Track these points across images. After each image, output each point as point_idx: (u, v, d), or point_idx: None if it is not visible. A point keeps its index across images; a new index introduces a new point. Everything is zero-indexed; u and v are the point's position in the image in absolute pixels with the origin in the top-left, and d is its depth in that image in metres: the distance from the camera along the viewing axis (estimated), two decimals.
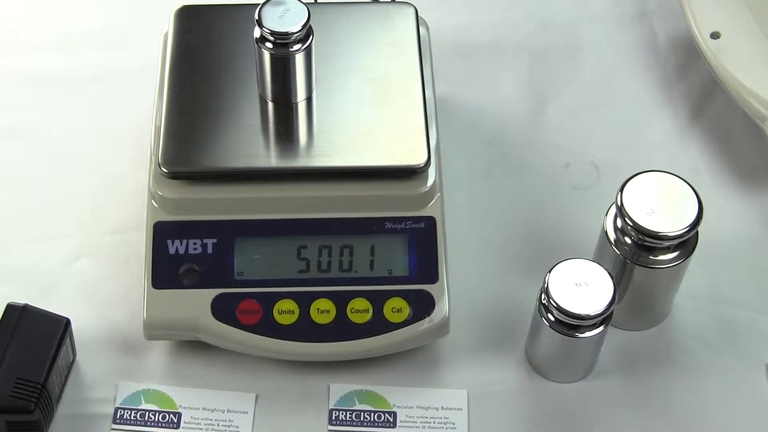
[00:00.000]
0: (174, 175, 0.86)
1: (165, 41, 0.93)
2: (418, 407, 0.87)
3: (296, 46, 0.85)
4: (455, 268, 0.90)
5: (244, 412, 0.87)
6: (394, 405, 0.87)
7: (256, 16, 0.84)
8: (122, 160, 0.99)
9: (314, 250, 0.87)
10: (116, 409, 0.86)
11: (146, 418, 0.86)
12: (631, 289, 0.88)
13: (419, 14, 0.95)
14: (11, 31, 1.08)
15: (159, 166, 0.86)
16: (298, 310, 0.86)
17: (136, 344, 0.89)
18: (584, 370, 0.89)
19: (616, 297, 0.83)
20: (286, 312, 0.86)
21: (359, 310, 0.86)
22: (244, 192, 0.87)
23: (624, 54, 1.09)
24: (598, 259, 0.87)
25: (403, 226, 0.87)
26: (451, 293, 0.87)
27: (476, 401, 0.88)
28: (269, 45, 0.85)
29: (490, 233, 0.96)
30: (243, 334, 0.85)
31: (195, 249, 0.86)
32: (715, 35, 1.00)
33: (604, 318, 0.84)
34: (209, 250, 0.86)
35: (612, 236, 0.87)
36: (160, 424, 0.86)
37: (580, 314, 0.82)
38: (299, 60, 0.86)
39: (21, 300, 0.85)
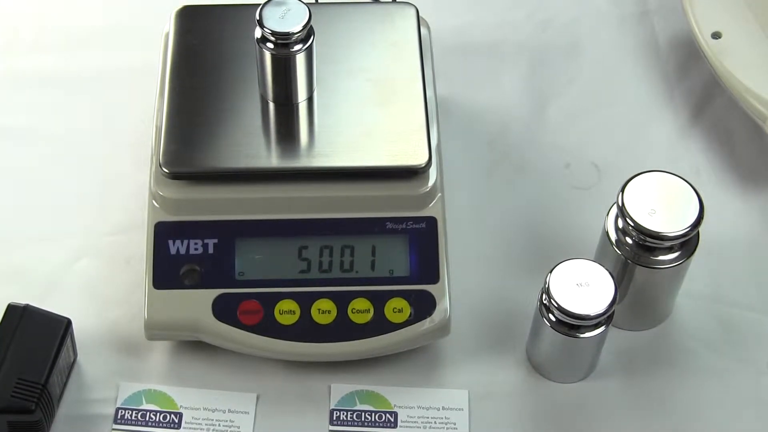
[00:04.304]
0: (175, 176, 0.86)
1: (166, 41, 0.93)
2: (419, 407, 0.87)
3: (297, 47, 0.85)
4: (456, 268, 0.90)
5: (245, 413, 0.87)
6: (395, 405, 0.87)
7: (257, 17, 0.84)
8: (123, 161, 0.99)
9: (315, 250, 0.87)
10: (117, 410, 0.86)
11: (147, 419, 0.86)
12: (632, 289, 0.88)
13: (420, 14, 0.95)
14: (11, 32, 1.08)
15: (160, 166, 0.86)
16: (299, 310, 0.86)
17: (137, 344, 0.89)
18: (585, 370, 0.89)
19: (617, 297, 0.83)
20: (287, 312, 0.86)
21: (360, 311, 0.86)
22: (245, 192, 0.87)
23: (625, 54, 1.09)
24: (599, 260, 0.87)
25: (404, 226, 0.87)
26: (452, 293, 0.87)
27: (477, 401, 0.88)
28: (270, 45, 0.85)
29: (491, 233, 0.96)
30: (244, 334, 0.85)
31: (196, 249, 0.86)
32: (716, 35, 1.00)
33: (605, 318, 0.84)
34: (210, 250, 0.86)
35: (613, 236, 0.87)
36: (161, 425, 0.86)
37: (581, 314, 0.82)
38: (300, 60, 0.86)
39: (22, 300, 0.85)
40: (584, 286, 0.83)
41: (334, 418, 0.87)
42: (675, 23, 1.09)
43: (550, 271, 0.84)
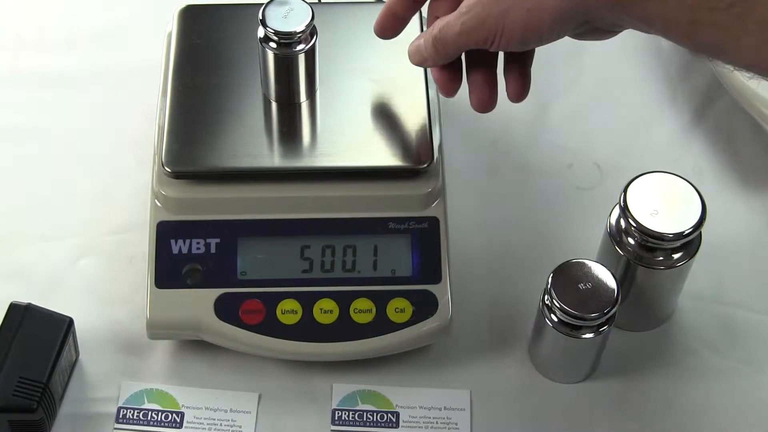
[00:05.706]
0: (177, 175, 0.86)
1: (168, 41, 0.93)
2: (420, 407, 0.87)
3: (300, 46, 0.85)
4: (458, 268, 0.89)
5: (247, 412, 0.87)
6: (396, 405, 0.87)
7: (260, 16, 0.84)
8: (125, 160, 0.99)
9: (317, 250, 0.87)
10: (119, 409, 0.87)
11: (149, 418, 0.86)
12: (634, 289, 0.88)
13: (422, 14, 0.95)
14: (12, 31, 1.08)
15: (162, 165, 0.86)
16: (301, 309, 0.86)
17: (139, 344, 0.89)
18: (587, 370, 0.89)
19: (619, 298, 0.83)
20: (289, 312, 0.86)
21: (362, 310, 0.86)
22: (248, 192, 0.87)
23: (627, 54, 1.08)
24: (601, 260, 0.87)
25: (406, 226, 0.87)
26: (454, 293, 0.87)
27: (479, 401, 0.88)
28: (273, 45, 0.85)
29: (493, 233, 0.96)
30: (246, 333, 0.85)
31: (198, 249, 0.86)
32: None
33: (608, 319, 0.84)
34: (212, 249, 0.86)
35: (615, 237, 0.87)
36: (162, 424, 0.86)
37: (583, 315, 0.82)
38: (303, 60, 0.86)
39: (24, 299, 0.85)
40: (586, 287, 0.83)
41: (336, 418, 0.87)
42: None
43: (553, 272, 0.84)
